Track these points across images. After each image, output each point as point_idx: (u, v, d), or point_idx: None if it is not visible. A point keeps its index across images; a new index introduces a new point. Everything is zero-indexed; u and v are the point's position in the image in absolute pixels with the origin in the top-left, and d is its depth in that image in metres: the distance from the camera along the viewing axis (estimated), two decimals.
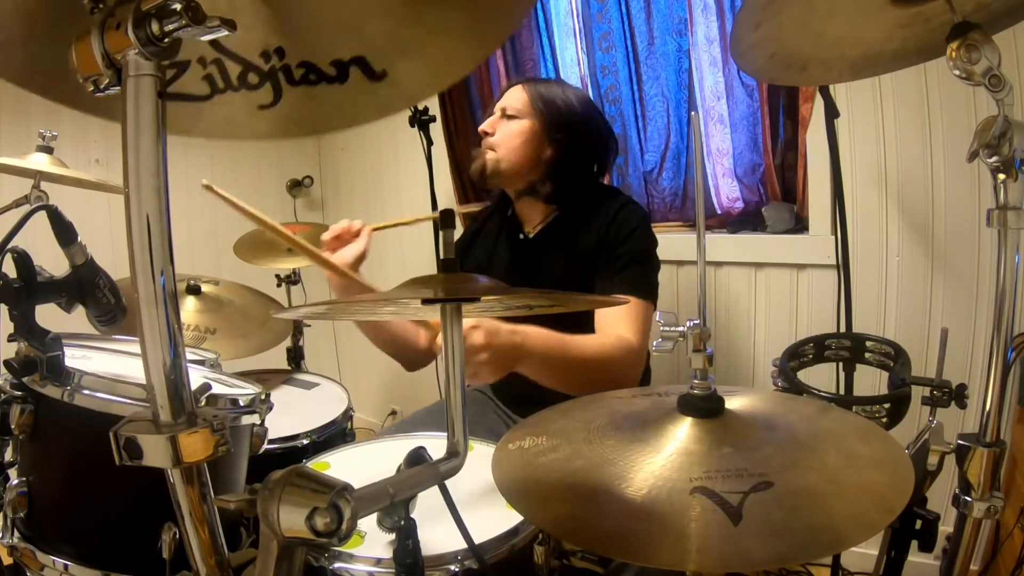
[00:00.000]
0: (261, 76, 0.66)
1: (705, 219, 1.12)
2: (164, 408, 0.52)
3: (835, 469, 0.62)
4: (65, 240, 1.02)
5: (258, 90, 0.67)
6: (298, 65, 0.65)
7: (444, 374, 0.69)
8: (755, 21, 0.91)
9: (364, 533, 0.91)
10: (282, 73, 0.66)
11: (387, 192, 2.96)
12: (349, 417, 1.66)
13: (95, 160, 2.48)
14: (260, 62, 0.65)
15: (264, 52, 0.65)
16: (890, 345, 1.09)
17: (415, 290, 0.67)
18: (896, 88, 1.62)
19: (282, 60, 0.65)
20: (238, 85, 0.67)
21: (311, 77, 0.66)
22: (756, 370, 1.95)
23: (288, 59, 0.65)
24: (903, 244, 1.68)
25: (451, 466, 0.67)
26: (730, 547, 0.52)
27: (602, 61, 2.16)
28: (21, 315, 0.94)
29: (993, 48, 0.71)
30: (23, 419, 0.92)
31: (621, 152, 2.20)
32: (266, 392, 1.11)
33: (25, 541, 0.94)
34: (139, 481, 0.63)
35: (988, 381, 0.77)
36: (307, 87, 0.66)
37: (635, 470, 0.62)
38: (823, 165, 1.72)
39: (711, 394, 0.68)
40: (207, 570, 0.56)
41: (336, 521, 0.50)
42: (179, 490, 0.54)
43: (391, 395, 3.07)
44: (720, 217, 2.01)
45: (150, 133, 0.50)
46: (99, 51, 0.50)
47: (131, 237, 0.51)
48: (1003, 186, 0.74)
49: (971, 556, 0.81)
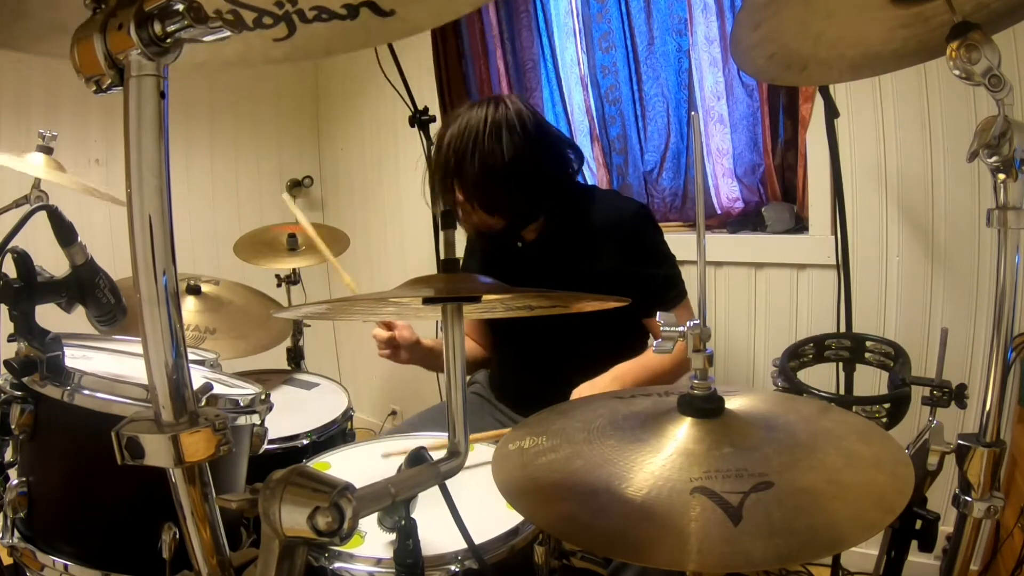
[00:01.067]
0: (275, 18, 0.69)
1: (705, 219, 1.12)
2: (166, 408, 0.52)
3: (835, 469, 0.62)
4: (65, 240, 1.02)
5: (272, 28, 0.69)
6: (311, 8, 0.67)
7: (444, 375, 0.70)
8: (755, 21, 0.91)
9: (364, 533, 0.91)
10: (296, 15, 0.68)
11: (387, 192, 2.96)
12: (349, 417, 1.66)
13: (95, 160, 2.48)
14: (274, 8, 0.68)
15: (278, 1, 0.67)
16: (890, 345, 1.09)
17: (416, 290, 0.67)
18: (896, 88, 1.63)
19: (295, 6, 0.67)
20: (253, 27, 0.69)
21: (323, 16, 0.68)
22: (756, 370, 1.95)
23: (301, 4, 0.67)
24: (903, 244, 1.68)
25: (451, 466, 0.67)
26: (730, 547, 0.52)
27: (602, 61, 2.16)
28: (21, 315, 0.94)
29: (993, 48, 0.71)
30: (23, 419, 0.92)
31: (621, 152, 2.20)
32: (266, 392, 1.11)
33: (25, 541, 0.94)
34: (139, 481, 0.63)
35: (988, 381, 0.77)
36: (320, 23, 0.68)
37: (635, 470, 0.62)
38: (823, 165, 1.72)
39: (711, 394, 0.68)
40: (209, 569, 0.56)
41: (338, 520, 0.50)
42: (181, 490, 0.54)
43: (391, 395, 3.08)
44: (720, 217, 2.01)
45: (152, 133, 0.50)
46: (101, 51, 0.51)
47: (133, 237, 0.51)
48: (1003, 186, 0.74)
49: (971, 556, 0.81)
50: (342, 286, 1.51)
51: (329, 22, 0.68)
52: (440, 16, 0.70)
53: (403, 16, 0.68)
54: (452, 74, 2.47)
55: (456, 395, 0.69)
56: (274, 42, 0.71)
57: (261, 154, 3.04)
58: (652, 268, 1.47)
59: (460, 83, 2.48)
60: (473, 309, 0.79)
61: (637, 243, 1.46)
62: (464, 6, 0.70)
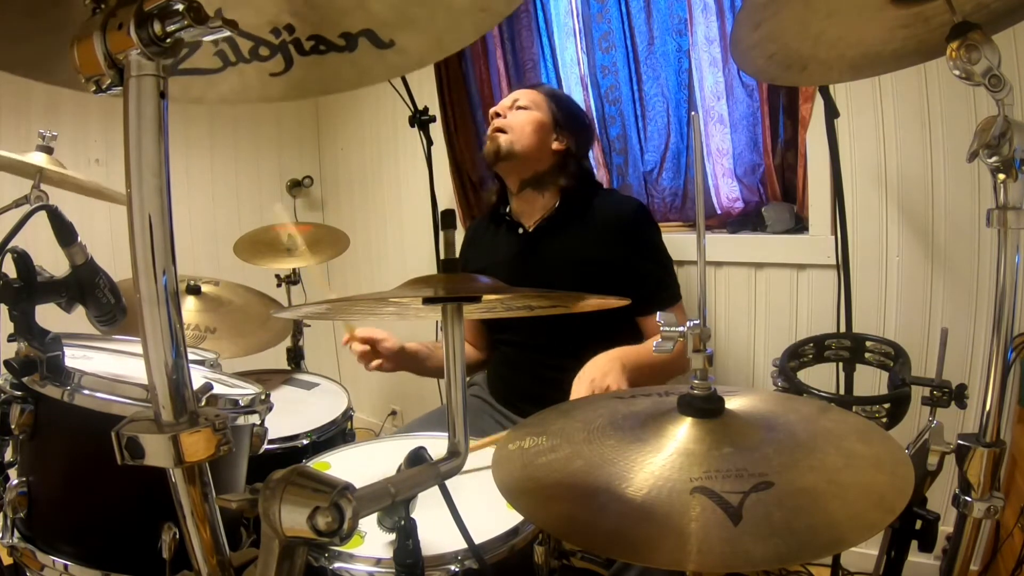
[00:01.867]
0: (272, 49, 0.68)
1: (705, 219, 1.12)
2: (166, 408, 0.52)
3: (835, 469, 0.62)
4: (65, 240, 1.02)
5: (269, 61, 0.69)
6: (308, 38, 0.67)
7: (445, 375, 0.70)
8: (755, 21, 0.91)
9: (364, 533, 0.91)
10: (292, 46, 0.68)
11: (387, 192, 2.96)
12: (349, 417, 1.66)
13: (95, 160, 2.48)
14: (271, 37, 0.67)
15: (274, 29, 0.66)
16: (890, 345, 1.09)
17: (416, 290, 0.67)
18: (896, 88, 1.63)
19: (292, 35, 0.67)
20: (249, 58, 0.69)
21: (321, 48, 0.68)
22: (756, 370, 1.95)
23: (298, 34, 0.67)
24: (903, 244, 1.68)
25: (451, 466, 0.67)
26: (730, 547, 0.52)
27: (602, 61, 2.16)
28: (21, 315, 0.94)
29: (993, 48, 0.71)
30: (23, 419, 0.92)
31: (621, 152, 2.20)
32: (266, 392, 1.11)
33: (25, 541, 0.94)
34: (139, 481, 0.63)
35: (988, 381, 0.77)
36: (317, 56, 0.68)
37: (635, 470, 0.62)
38: (823, 165, 1.72)
39: (711, 394, 0.68)
40: (209, 569, 0.56)
41: (338, 520, 0.50)
42: (181, 490, 0.54)
43: (391, 395, 3.07)
44: (720, 217, 2.01)
45: (152, 133, 0.50)
46: (101, 51, 0.51)
47: (133, 237, 0.51)
48: (1003, 186, 0.74)
49: (971, 556, 0.81)
50: (342, 287, 1.51)
51: (327, 54, 0.68)
52: (442, 48, 0.70)
53: (402, 47, 0.67)
54: (452, 74, 2.47)
55: (456, 395, 0.69)
56: (271, 76, 0.70)
57: (261, 154, 3.04)
58: (649, 263, 1.49)
59: (460, 83, 2.48)
60: (473, 309, 0.79)
61: (636, 237, 1.48)
62: (466, 36, 0.69)
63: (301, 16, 0.66)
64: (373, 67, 0.70)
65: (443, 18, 0.67)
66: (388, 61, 0.69)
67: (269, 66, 0.69)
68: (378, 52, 0.67)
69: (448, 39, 0.69)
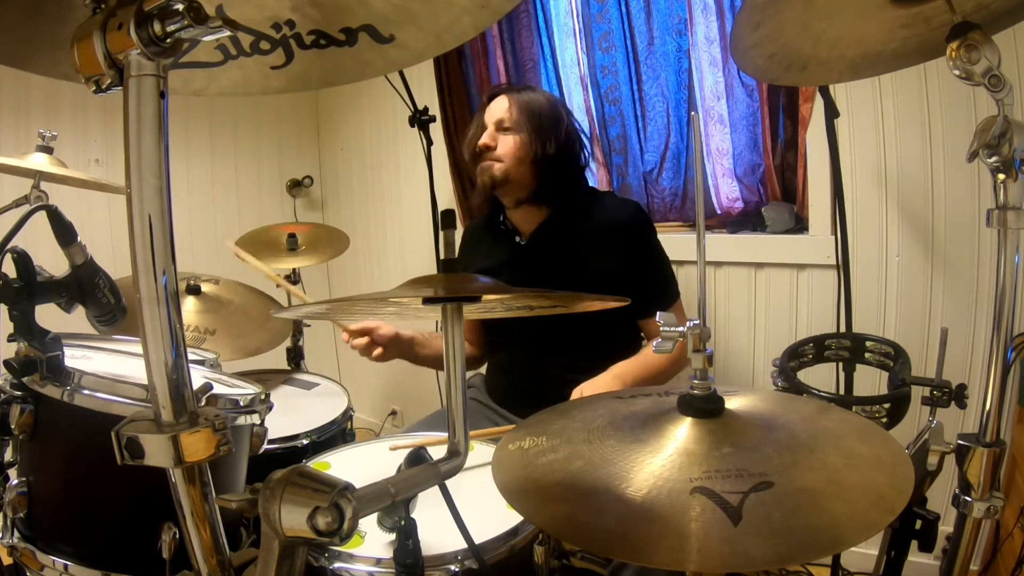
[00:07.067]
0: (273, 43, 0.69)
1: (705, 219, 1.12)
2: (166, 408, 0.52)
3: (835, 469, 0.62)
4: (65, 240, 1.02)
5: (270, 54, 0.69)
6: (308, 33, 0.67)
7: (445, 375, 0.70)
8: (755, 21, 0.91)
9: (364, 533, 0.91)
10: (293, 40, 0.68)
11: (387, 192, 2.96)
12: (349, 417, 1.67)
13: (95, 160, 2.48)
14: (271, 32, 0.67)
15: (275, 24, 0.66)
16: (890, 345, 1.09)
17: (416, 290, 0.67)
18: (896, 88, 1.63)
19: (293, 30, 0.67)
20: (250, 52, 0.69)
21: (321, 42, 0.68)
22: (756, 370, 1.95)
23: (299, 29, 0.67)
24: (903, 244, 1.68)
25: (451, 466, 0.67)
26: (730, 547, 0.52)
27: (602, 61, 2.16)
28: (21, 315, 0.94)
29: (993, 48, 0.71)
30: (23, 419, 0.92)
31: (621, 152, 2.20)
32: (266, 392, 1.11)
33: (25, 541, 0.94)
34: (139, 481, 0.63)
35: (988, 381, 0.77)
36: (318, 50, 0.68)
37: (635, 470, 0.62)
38: (823, 165, 1.72)
39: (711, 394, 0.68)
40: (209, 569, 0.56)
41: (338, 520, 0.50)
42: (181, 490, 0.54)
43: (391, 395, 3.07)
44: (720, 217, 2.01)
45: (152, 133, 0.50)
46: (101, 51, 0.51)
47: (133, 237, 0.51)
48: (1003, 186, 0.74)
49: (971, 556, 0.81)
50: (342, 287, 1.52)
51: (327, 48, 0.68)
52: (441, 44, 0.70)
53: (402, 42, 0.68)
54: (452, 74, 2.47)
55: (456, 395, 0.69)
56: (272, 70, 0.71)
57: (261, 154, 3.04)
58: (649, 268, 1.49)
59: (460, 83, 2.48)
60: (473, 309, 0.79)
61: (635, 243, 1.48)
62: (466, 32, 0.69)
63: (302, 12, 0.66)
64: (373, 61, 0.70)
65: (443, 15, 0.67)
66: (388, 55, 0.69)
67: (270, 59, 0.70)
68: (378, 47, 0.68)
69: (447, 35, 0.69)
